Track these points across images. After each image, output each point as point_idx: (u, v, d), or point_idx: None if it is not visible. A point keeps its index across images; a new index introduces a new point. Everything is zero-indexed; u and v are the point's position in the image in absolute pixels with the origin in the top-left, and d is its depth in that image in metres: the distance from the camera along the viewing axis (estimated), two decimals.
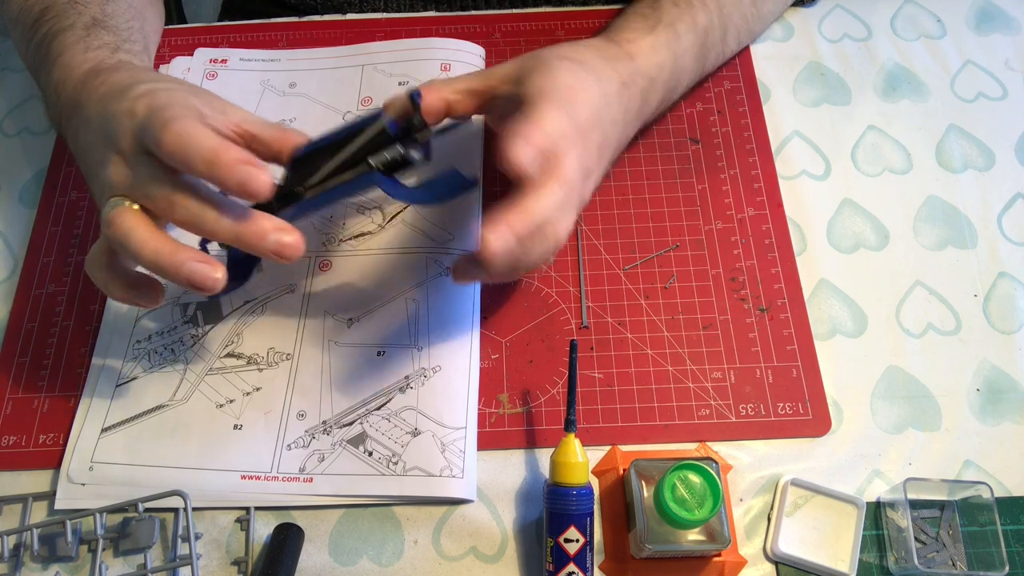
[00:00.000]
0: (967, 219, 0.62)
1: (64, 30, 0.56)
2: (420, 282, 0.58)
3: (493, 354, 0.57)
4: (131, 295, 0.49)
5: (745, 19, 0.64)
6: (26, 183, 0.65)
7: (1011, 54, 0.69)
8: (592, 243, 0.61)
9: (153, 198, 0.45)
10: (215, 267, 0.44)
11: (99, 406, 0.55)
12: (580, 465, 0.48)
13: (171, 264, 0.44)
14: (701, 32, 0.60)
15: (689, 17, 0.59)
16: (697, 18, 0.59)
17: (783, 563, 0.50)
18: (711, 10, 0.60)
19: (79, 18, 0.57)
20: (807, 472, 0.53)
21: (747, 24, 0.64)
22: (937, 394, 0.55)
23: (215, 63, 0.69)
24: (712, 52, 0.62)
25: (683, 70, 0.59)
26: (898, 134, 0.66)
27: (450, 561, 0.51)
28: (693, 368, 0.56)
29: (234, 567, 0.51)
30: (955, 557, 0.51)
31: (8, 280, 0.61)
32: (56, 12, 0.58)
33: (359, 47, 0.70)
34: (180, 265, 0.44)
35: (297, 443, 0.53)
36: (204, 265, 0.44)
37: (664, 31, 0.58)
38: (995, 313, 0.58)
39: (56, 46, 0.56)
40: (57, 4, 0.59)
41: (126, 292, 0.48)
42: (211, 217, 0.44)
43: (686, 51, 0.59)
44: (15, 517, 0.53)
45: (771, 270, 0.59)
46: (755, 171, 0.63)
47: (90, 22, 0.57)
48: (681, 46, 0.58)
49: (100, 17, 0.58)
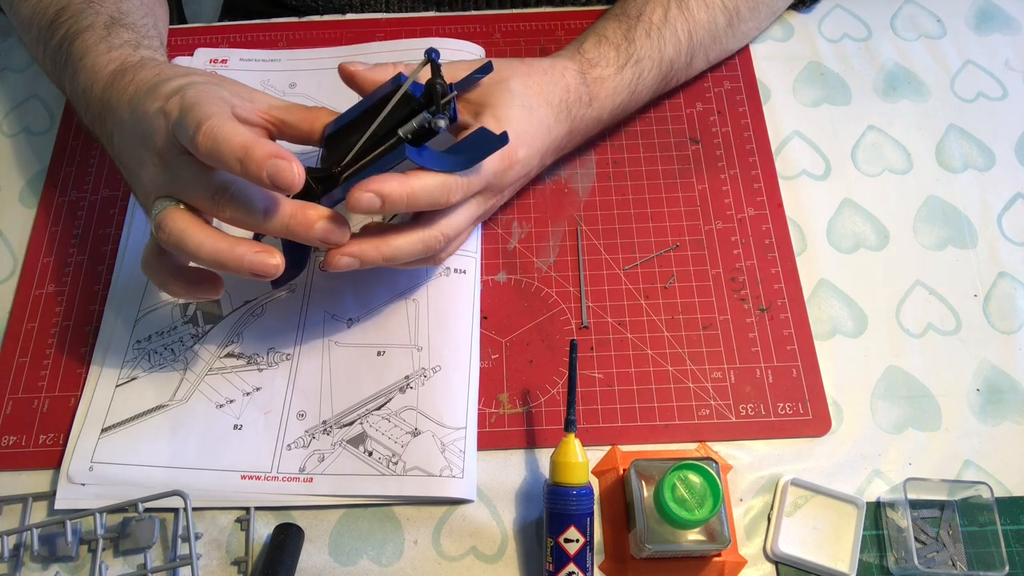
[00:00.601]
0: (967, 219, 0.62)
1: (83, 31, 0.56)
2: (420, 282, 0.58)
3: (493, 354, 0.57)
4: (192, 291, 0.50)
5: (718, 42, 0.64)
6: (26, 183, 0.65)
7: (1011, 54, 0.69)
8: (592, 243, 0.61)
9: (197, 199, 0.46)
10: (272, 254, 0.46)
11: (99, 406, 0.55)
12: (580, 465, 0.48)
13: (232, 260, 0.45)
14: (666, 65, 0.61)
15: (658, 53, 0.60)
16: (665, 51, 0.60)
17: (783, 563, 0.50)
18: (681, 40, 0.61)
19: (97, 18, 0.57)
20: (807, 472, 0.53)
21: (719, 45, 0.65)
22: (937, 394, 0.55)
23: (215, 63, 0.69)
24: (674, 79, 0.63)
25: (637, 102, 0.62)
26: (898, 134, 0.66)
27: (450, 561, 0.51)
28: (693, 368, 0.56)
29: (234, 567, 0.51)
30: (955, 557, 0.51)
31: (8, 280, 0.61)
32: (72, 13, 0.58)
33: (359, 47, 0.70)
34: (241, 259, 0.45)
35: (297, 443, 0.53)
36: (264, 255, 0.45)
37: (631, 69, 0.59)
38: (995, 313, 0.58)
39: (77, 48, 0.56)
40: (73, 4, 0.58)
41: (187, 289, 0.49)
42: (258, 214, 0.45)
43: (646, 88, 0.61)
44: (15, 517, 0.53)
45: (771, 270, 0.59)
46: (755, 171, 0.63)
47: (109, 21, 0.57)
48: (643, 84, 0.60)
49: (117, 15, 0.58)
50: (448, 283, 0.58)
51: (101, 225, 0.63)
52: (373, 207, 0.46)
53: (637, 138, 0.65)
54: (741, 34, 0.66)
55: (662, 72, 0.61)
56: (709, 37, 0.63)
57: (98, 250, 0.61)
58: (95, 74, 0.53)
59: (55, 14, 0.58)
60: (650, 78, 0.60)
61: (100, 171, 0.65)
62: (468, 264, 0.59)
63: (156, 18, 0.64)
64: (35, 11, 0.60)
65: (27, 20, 0.61)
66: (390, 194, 0.46)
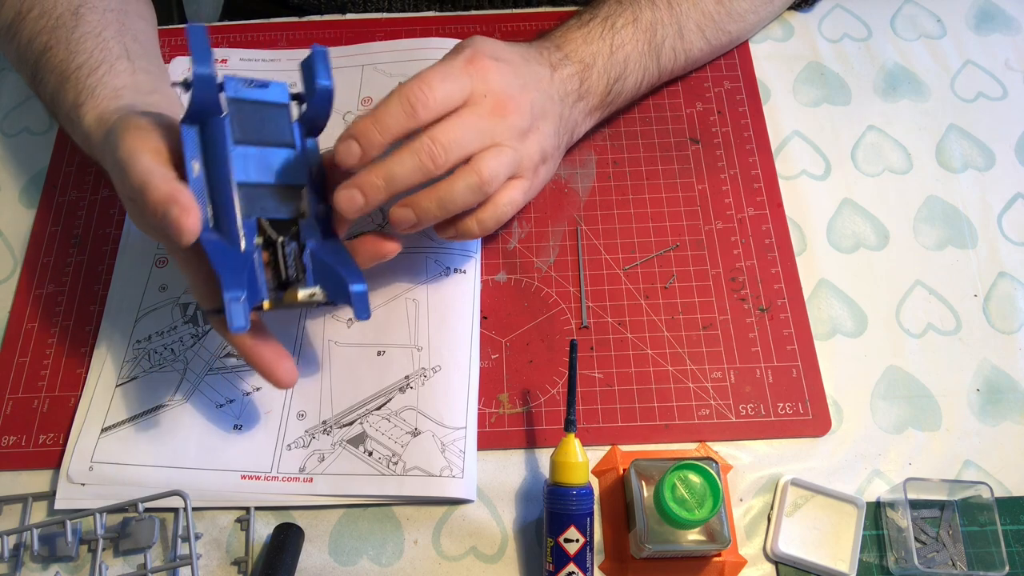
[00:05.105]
0: (967, 219, 0.62)
1: (55, 92, 0.56)
2: (420, 282, 0.58)
3: (493, 354, 0.57)
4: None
5: (709, 17, 0.63)
6: (26, 183, 0.65)
7: (1011, 54, 0.69)
8: (592, 243, 0.61)
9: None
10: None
11: (99, 406, 0.55)
12: (580, 465, 0.48)
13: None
14: (645, 26, 0.60)
15: (630, 13, 0.60)
16: (640, 14, 0.60)
17: (783, 563, 0.50)
18: (659, 7, 0.61)
19: (50, 76, 0.56)
20: (807, 472, 0.53)
21: (714, 22, 0.64)
22: (937, 394, 0.55)
23: (215, 63, 0.69)
24: (667, 47, 0.62)
25: (627, 59, 0.60)
26: (898, 134, 0.66)
27: (450, 561, 0.51)
28: (693, 368, 0.56)
29: (234, 567, 0.51)
30: (955, 557, 0.51)
31: (8, 280, 0.61)
32: (42, 68, 0.57)
33: (359, 47, 0.70)
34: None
35: (297, 443, 0.53)
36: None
37: (598, 25, 0.59)
38: (995, 313, 0.58)
39: (59, 113, 0.56)
40: (43, 58, 0.57)
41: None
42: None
43: (626, 42, 0.60)
44: (15, 517, 0.53)
45: (771, 270, 0.59)
46: (755, 171, 0.63)
47: (59, 80, 0.56)
48: (620, 37, 0.59)
49: (66, 61, 0.56)
50: (448, 283, 0.58)
51: (101, 225, 0.63)
52: (358, 202, 0.47)
53: (637, 138, 0.65)
54: (737, 14, 0.65)
55: (645, 34, 0.60)
56: (696, 11, 0.62)
57: (98, 250, 0.61)
58: (79, 138, 0.55)
59: (32, 70, 0.58)
60: (627, 35, 0.59)
61: (100, 171, 0.65)
62: (468, 264, 0.59)
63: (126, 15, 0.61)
64: (19, 63, 0.60)
65: (19, 72, 0.62)
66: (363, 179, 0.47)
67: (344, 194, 0.47)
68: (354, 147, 0.47)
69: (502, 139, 0.51)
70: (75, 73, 0.55)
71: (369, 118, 0.48)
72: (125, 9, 0.62)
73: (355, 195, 0.47)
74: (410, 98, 0.48)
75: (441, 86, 0.49)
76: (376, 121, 0.47)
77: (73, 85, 0.55)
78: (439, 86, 0.49)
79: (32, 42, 0.58)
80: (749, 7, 0.66)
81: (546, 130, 0.54)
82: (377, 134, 0.47)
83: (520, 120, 0.52)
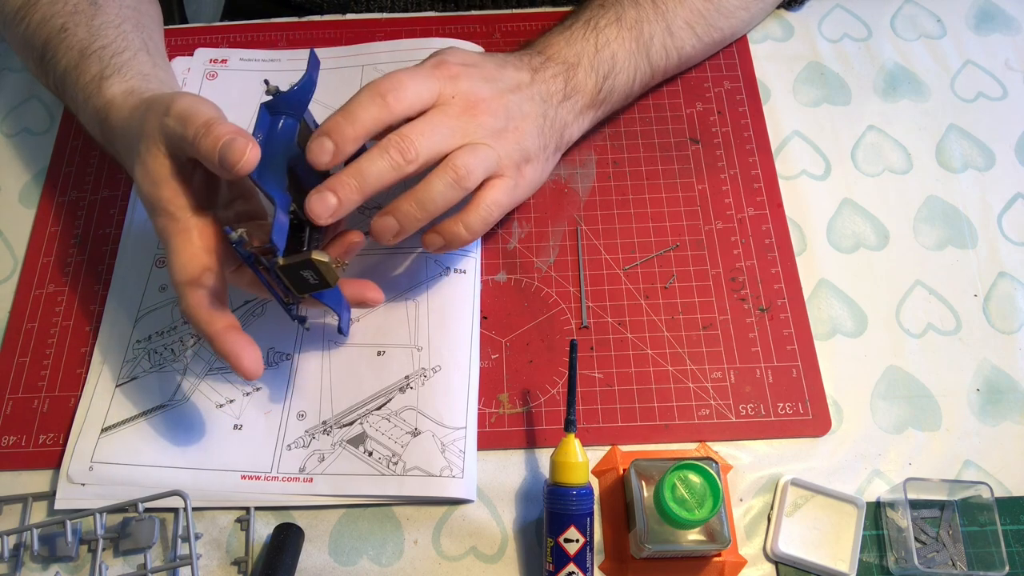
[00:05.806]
0: (967, 219, 0.62)
1: (66, 73, 0.57)
2: (420, 282, 0.58)
3: (493, 354, 0.57)
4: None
5: (698, 14, 0.63)
6: (26, 183, 0.65)
7: (1011, 54, 0.69)
8: (592, 243, 0.61)
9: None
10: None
11: (99, 406, 0.55)
12: (580, 465, 0.48)
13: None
14: (630, 24, 0.60)
15: (612, 13, 0.60)
16: (624, 14, 0.60)
17: (783, 563, 0.50)
18: (643, 5, 0.61)
19: (69, 53, 0.57)
20: (807, 472, 0.53)
21: (704, 19, 0.63)
22: (937, 394, 0.55)
23: (215, 63, 0.69)
24: (656, 44, 0.61)
25: (615, 57, 0.59)
26: (898, 134, 0.66)
27: (450, 561, 0.51)
28: (693, 368, 0.56)
29: (234, 567, 0.51)
30: (955, 557, 0.51)
31: (8, 280, 0.61)
32: (53, 50, 0.58)
33: (359, 47, 0.70)
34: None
35: (297, 443, 0.53)
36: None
37: (580, 27, 0.60)
38: (995, 313, 0.58)
39: (67, 94, 0.57)
40: (51, 41, 0.58)
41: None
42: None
43: (611, 40, 0.59)
44: (15, 517, 0.53)
45: (771, 270, 0.59)
46: (755, 171, 0.63)
47: (78, 56, 0.56)
48: (603, 36, 0.59)
49: (87, 41, 0.57)
50: (448, 283, 0.58)
51: (101, 225, 0.63)
52: (330, 204, 0.46)
53: (637, 138, 0.65)
54: (727, 11, 0.65)
55: (631, 33, 0.60)
56: (683, 8, 0.62)
57: (98, 250, 0.61)
58: (87, 122, 0.56)
59: (42, 50, 0.59)
60: (611, 33, 0.59)
61: (100, 171, 0.65)
62: (468, 264, 0.59)
63: (141, 15, 0.62)
64: (25, 46, 0.61)
65: (23, 55, 0.62)
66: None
67: (315, 197, 0.46)
68: (327, 143, 0.46)
69: (475, 137, 0.51)
70: (98, 51, 0.56)
71: (340, 113, 0.47)
72: (139, 8, 0.63)
73: (327, 197, 0.46)
74: (380, 89, 0.48)
75: (411, 83, 0.49)
76: (347, 114, 0.47)
77: (97, 60, 0.55)
78: (408, 83, 0.49)
79: (45, 23, 0.58)
80: (739, 3, 0.66)
81: (526, 129, 0.54)
82: (349, 127, 0.47)
83: (493, 120, 0.52)
